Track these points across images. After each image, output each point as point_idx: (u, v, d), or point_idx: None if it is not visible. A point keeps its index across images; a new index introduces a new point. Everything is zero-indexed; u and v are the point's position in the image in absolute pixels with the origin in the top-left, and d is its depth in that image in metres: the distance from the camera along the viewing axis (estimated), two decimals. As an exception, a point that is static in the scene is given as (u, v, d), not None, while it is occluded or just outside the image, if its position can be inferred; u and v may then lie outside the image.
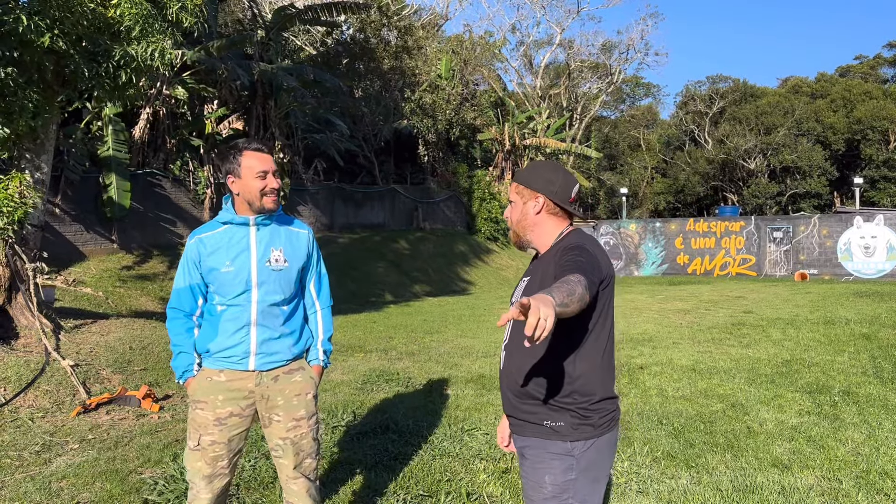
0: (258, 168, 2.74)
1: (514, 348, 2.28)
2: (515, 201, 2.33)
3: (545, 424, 2.18)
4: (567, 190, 2.27)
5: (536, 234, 2.31)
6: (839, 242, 23.72)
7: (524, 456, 2.26)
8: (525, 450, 2.25)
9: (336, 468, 4.41)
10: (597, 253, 2.18)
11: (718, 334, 9.85)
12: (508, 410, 2.32)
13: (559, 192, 2.26)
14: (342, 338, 9.92)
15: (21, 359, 6.34)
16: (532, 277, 2.29)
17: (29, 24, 6.05)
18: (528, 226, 2.30)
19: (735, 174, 44.69)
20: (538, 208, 2.27)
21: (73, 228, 14.44)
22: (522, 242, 2.36)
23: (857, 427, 5.18)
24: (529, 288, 2.26)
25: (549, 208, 2.27)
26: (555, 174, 2.28)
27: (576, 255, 2.09)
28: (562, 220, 2.30)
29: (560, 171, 2.30)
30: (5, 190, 6.68)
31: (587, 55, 42.67)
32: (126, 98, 7.79)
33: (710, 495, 3.90)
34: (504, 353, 2.34)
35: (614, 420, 2.24)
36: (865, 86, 44.91)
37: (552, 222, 2.29)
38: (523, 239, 2.34)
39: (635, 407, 5.89)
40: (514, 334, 2.30)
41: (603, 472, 2.23)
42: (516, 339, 2.28)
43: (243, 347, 2.75)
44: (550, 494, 2.15)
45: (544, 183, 2.26)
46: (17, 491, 4.05)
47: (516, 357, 2.26)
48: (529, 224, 2.30)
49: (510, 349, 2.30)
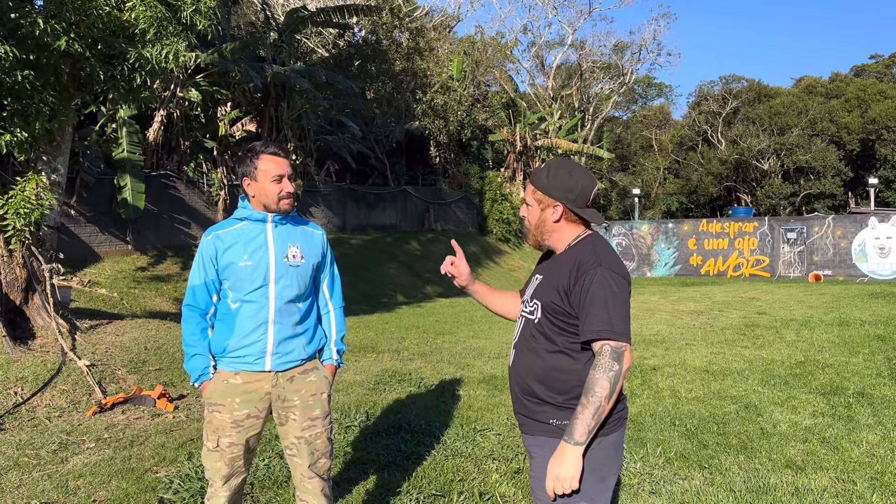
0: (274, 172, 2.76)
1: (523, 346, 2.29)
2: (533, 206, 2.33)
3: (552, 423, 2.19)
4: (586, 196, 2.26)
5: (554, 239, 2.33)
6: (854, 243, 23.53)
7: (532, 455, 2.28)
8: (533, 448, 2.27)
9: (349, 468, 4.43)
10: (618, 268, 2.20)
11: (732, 335, 9.80)
12: (517, 408, 2.34)
13: (577, 200, 2.26)
14: (354, 338, 9.96)
15: (38, 359, 6.41)
16: (546, 278, 2.31)
17: (45, 28, 6.12)
18: (546, 231, 2.32)
19: (748, 175, 44.45)
20: (557, 216, 2.28)
21: (89, 230, 14.56)
22: (541, 245, 2.39)
23: (872, 428, 5.15)
24: (542, 289, 2.29)
25: (567, 216, 2.29)
26: (574, 181, 2.25)
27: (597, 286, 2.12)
28: (579, 225, 2.32)
29: (578, 175, 2.27)
30: (22, 192, 6.75)
31: (599, 56, 42.57)
32: (140, 100, 7.85)
33: (724, 496, 3.89)
34: (514, 352, 2.36)
35: (622, 420, 2.24)
36: (880, 85, 44.53)
37: (570, 228, 2.31)
38: (541, 242, 2.37)
39: (648, 408, 5.88)
40: (524, 332, 2.31)
41: (611, 471, 2.23)
42: (526, 337, 2.29)
43: (259, 346, 2.77)
44: None
45: (564, 192, 2.25)
46: (34, 489, 4.10)
47: (525, 355, 2.28)
48: (548, 230, 2.32)
49: (519, 346, 2.33)
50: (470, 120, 29.18)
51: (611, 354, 2.06)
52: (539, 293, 2.30)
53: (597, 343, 2.10)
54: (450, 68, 28.96)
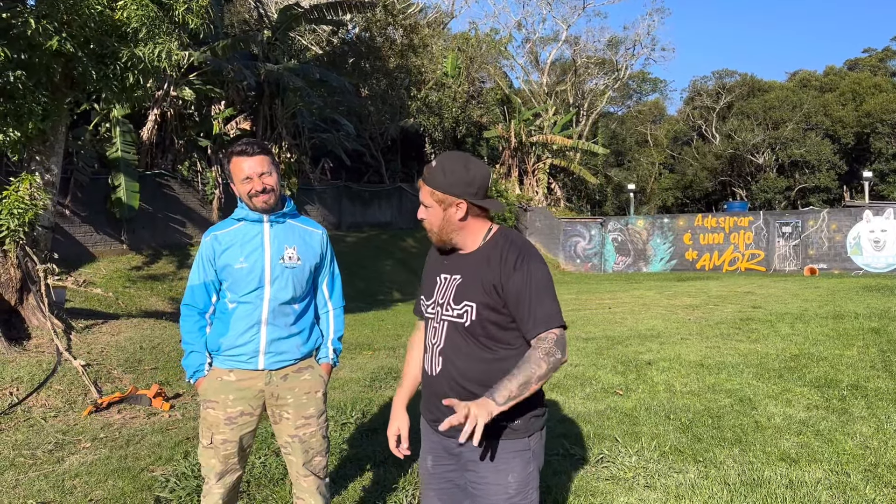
0: (243, 174, 2.74)
1: (453, 353, 2.21)
2: (433, 206, 2.21)
3: (502, 424, 2.11)
4: (484, 185, 2.20)
5: (462, 237, 2.24)
6: (849, 237, 23.59)
7: (476, 461, 2.17)
8: (474, 453, 2.16)
9: (346, 464, 4.44)
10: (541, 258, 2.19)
11: (727, 329, 9.83)
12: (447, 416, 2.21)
13: (478, 192, 2.18)
14: (350, 336, 9.96)
15: (33, 359, 6.40)
16: (467, 278, 2.21)
17: (37, 28, 6.10)
18: (452, 230, 2.23)
19: (743, 169, 44.51)
20: (462, 214, 2.19)
21: (83, 229, 14.54)
22: (446, 244, 2.27)
23: (866, 421, 5.17)
24: (468, 290, 2.19)
25: (472, 211, 2.21)
26: (471, 174, 2.17)
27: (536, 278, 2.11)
28: (485, 219, 2.25)
29: (474, 167, 2.19)
30: (16, 192, 6.74)
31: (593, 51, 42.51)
32: (134, 99, 7.85)
33: (718, 489, 3.92)
34: (440, 358, 2.24)
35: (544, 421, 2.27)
36: (874, 79, 44.61)
37: (476, 223, 2.24)
38: (447, 241, 2.26)
39: (643, 402, 5.90)
40: (451, 337, 2.22)
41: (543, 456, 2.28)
42: (455, 342, 2.20)
43: (252, 346, 2.78)
44: (515, 492, 2.14)
45: (464, 187, 2.17)
46: (31, 489, 4.10)
47: (457, 361, 2.19)
48: (454, 229, 2.23)
49: (447, 354, 2.22)
50: (464, 116, 29.18)
51: (556, 342, 2.05)
52: (468, 294, 2.19)
53: (542, 334, 2.07)
54: (444, 65, 28.95)
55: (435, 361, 2.26)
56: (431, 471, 2.34)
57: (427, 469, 2.36)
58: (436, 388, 2.25)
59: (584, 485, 4.06)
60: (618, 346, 8.70)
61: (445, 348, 2.23)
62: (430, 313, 2.32)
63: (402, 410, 2.43)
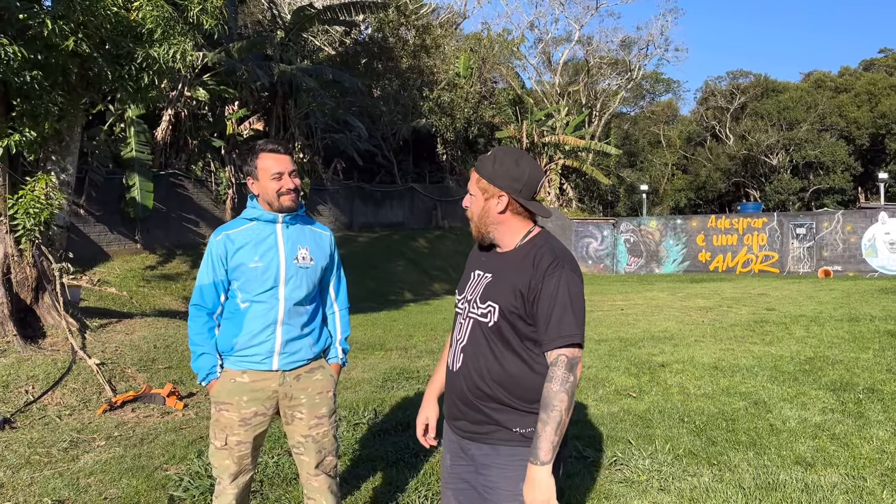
0: (273, 169, 2.76)
1: (474, 350, 2.17)
2: (476, 195, 2.19)
3: (516, 431, 2.08)
4: (532, 186, 2.15)
5: (500, 232, 2.20)
6: (863, 238, 23.37)
7: (488, 465, 2.13)
8: (487, 458, 2.13)
9: (358, 465, 4.45)
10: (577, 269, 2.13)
11: (741, 332, 9.77)
12: (462, 414, 2.21)
13: (524, 191, 2.14)
14: (362, 336, 9.97)
15: (48, 357, 6.45)
16: (498, 278, 2.17)
17: (54, 28, 6.15)
18: (490, 223, 2.19)
19: (757, 170, 44.23)
20: (501, 207, 2.15)
21: (98, 229, 14.65)
22: (484, 238, 2.24)
23: (882, 424, 5.12)
24: (497, 290, 2.15)
25: (513, 208, 2.16)
26: (520, 171, 2.13)
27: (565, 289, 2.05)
28: (526, 219, 2.20)
29: (525, 165, 2.15)
30: (32, 192, 6.80)
31: (606, 52, 42.42)
32: (148, 100, 7.89)
33: (733, 493, 3.88)
34: (461, 355, 2.21)
35: None
36: (890, 80, 44.23)
37: (516, 221, 2.18)
38: (485, 234, 2.22)
39: (657, 404, 5.87)
40: (474, 334, 2.18)
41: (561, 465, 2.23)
42: (477, 340, 2.17)
43: (268, 346, 2.78)
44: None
45: (510, 181, 2.12)
46: (45, 487, 4.13)
47: (479, 359, 2.15)
48: (492, 221, 2.18)
49: (469, 350, 2.19)
50: (477, 117, 29.17)
51: (566, 365, 2.00)
52: (494, 295, 2.15)
53: (553, 352, 2.03)
54: (456, 65, 28.95)
55: (456, 357, 2.23)
56: (450, 470, 2.32)
57: (447, 467, 2.34)
58: (454, 385, 2.24)
59: (597, 487, 4.04)
60: (631, 347, 8.66)
61: (468, 345, 2.19)
62: (459, 308, 2.29)
63: (433, 401, 2.43)
